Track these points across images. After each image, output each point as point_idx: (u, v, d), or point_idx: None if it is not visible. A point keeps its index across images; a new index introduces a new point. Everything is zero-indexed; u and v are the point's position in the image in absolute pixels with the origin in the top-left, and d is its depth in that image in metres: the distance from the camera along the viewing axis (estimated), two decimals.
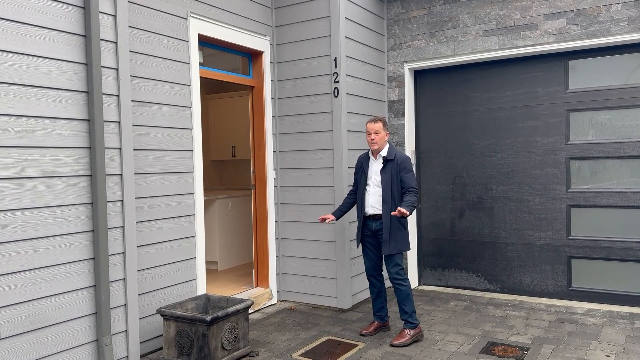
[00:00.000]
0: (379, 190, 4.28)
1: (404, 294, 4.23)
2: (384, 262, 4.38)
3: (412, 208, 4.11)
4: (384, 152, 4.29)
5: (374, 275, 4.45)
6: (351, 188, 4.61)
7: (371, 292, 4.50)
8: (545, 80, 5.34)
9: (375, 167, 4.33)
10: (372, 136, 4.26)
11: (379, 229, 4.30)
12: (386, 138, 4.32)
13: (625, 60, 4.99)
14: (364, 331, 4.42)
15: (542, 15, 5.15)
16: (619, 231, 5.06)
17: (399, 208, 4.01)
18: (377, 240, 4.36)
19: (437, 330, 4.53)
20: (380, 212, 4.27)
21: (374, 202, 4.30)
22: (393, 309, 4.98)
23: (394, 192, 4.20)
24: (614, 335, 4.29)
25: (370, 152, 4.40)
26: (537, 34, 5.18)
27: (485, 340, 4.25)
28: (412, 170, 4.26)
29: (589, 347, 4.05)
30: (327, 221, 4.43)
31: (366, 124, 4.35)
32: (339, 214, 4.54)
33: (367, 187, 4.35)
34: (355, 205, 4.50)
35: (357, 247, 4.55)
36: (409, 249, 4.30)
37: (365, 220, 4.38)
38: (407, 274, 4.38)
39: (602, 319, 4.72)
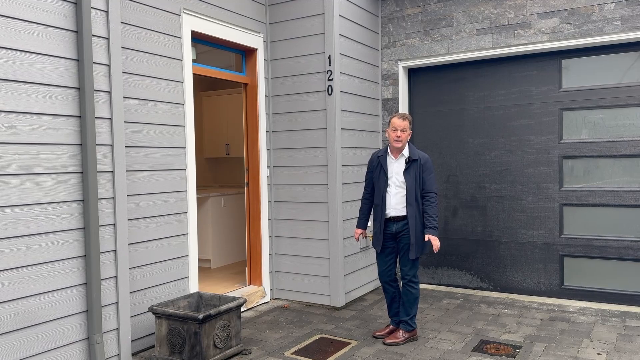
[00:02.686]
0: (402, 192, 4.10)
1: (412, 297, 4.17)
2: (399, 263, 4.24)
3: (436, 222, 4.04)
4: (406, 152, 4.10)
5: (387, 281, 4.26)
6: (365, 190, 4.35)
7: (385, 297, 4.37)
8: (538, 79, 5.35)
9: (396, 167, 4.13)
10: (399, 133, 4.05)
11: (400, 230, 4.13)
12: (409, 137, 4.15)
13: (619, 59, 5.01)
14: (378, 333, 4.33)
15: (535, 14, 5.16)
16: (611, 230, 5.08)
17: (428, 235, 4.01)
18: (396, 243, 4.19)
19: (429, 328, 4.54)
20: (402, 213, 4.10)
21: (396, 204, 4.11)
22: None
23: (417, 193, 4.06)
24: (605, 334, 4.31)
25: (388, 150, 4.19)
26: (531, 33, 5.19)
27: (478, 339, 4.26)
28: (434, 172, 4.13)
29: (581, 346, 4.07)
30: (362, 236, 4.39)
31: (391, 118, 4.13)
32: (365, 223, 4.38)
33: (389, 188, 4.15)
34: (373, 207, 4.29)
35: (379, 251, 4.25)
36: (430, 249, 4.15)
37: (386, 222, 4.18)
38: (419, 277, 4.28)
39: (594, 317, 4.74)
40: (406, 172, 4.09)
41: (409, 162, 4.08)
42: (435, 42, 5.68)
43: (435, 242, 4.00)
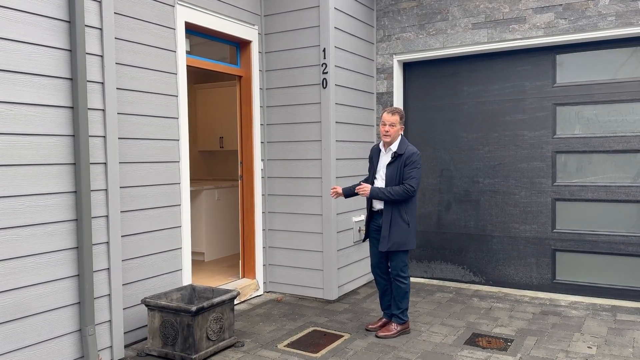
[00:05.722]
0: (384, 185, 4.14)
1: (402, 292, 4.18)
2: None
3: (385, 196, 3.99)
4: (394, 146, 4.11)
5: (378, 272, 4.30)
6: (366, 176, 4.45)
7: (377, 289, 4.41)
8: (533, 74, 5.36)
9: (383, 161, 4.16)
10: (387, 128, 4.07)
11: None
12: (401, 132, 4.15)
13: (613, 55, 5.02)
14: (370, 326, 4.35)
15: (530, 9, 5.16)
16: (603, 225, 5.11)
17: (364, 187, 4.06)
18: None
19: (422, 321, 4.56)
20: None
21: None
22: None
23: None
24: (596, 328, 4.35)
25: (381, 144, 4.23)
26: (526, 28, 5.19)
27: (470, 332, 4.28)
28: (417, 167, 4.02)
29: (572, 339, 4.10)
30: (336, 191, 4.26)
31: (382, 113, 4.18)
32: (348, 192, 4.30)
33: (375, 181, 4.19)
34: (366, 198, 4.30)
35: (364, 241, 4.47)
36: (413, 247, 4.11)
37: (372, 215, 4.25)
38: (409, 271, 4.29)
39: (585, 312, 4.77)
40: (389, 166, 4.11)
41: (395, 156, 4.09)
42: (430, 36, 5.67)
43: (362, 190, 4.08)
